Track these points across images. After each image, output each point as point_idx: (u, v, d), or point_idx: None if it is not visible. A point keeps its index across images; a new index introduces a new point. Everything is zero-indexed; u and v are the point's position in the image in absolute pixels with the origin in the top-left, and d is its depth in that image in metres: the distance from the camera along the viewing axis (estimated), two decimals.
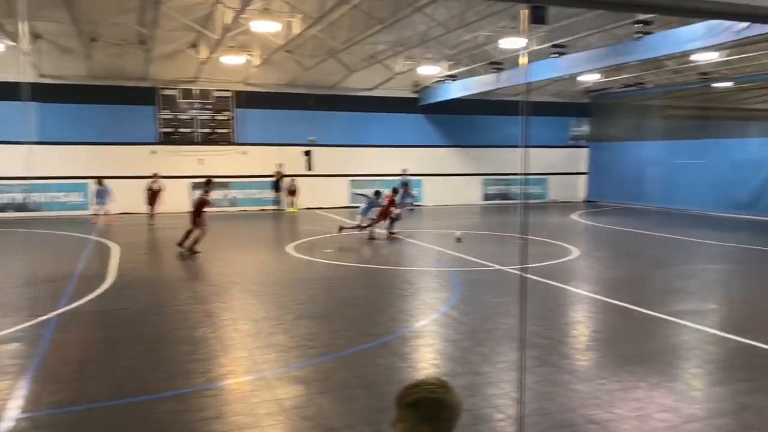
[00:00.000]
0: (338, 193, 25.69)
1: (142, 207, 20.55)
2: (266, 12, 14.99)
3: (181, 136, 23.81)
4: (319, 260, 13.33)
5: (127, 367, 6.54)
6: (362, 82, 24.66)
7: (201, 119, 24.04)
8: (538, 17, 2.56)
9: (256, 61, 20.91)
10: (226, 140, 24.37)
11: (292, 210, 24.31)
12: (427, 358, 6.99)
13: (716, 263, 13.50)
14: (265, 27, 15.56)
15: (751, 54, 20.30)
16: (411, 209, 23.90)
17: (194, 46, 21.45)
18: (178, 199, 22.63)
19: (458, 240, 15.71)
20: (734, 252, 14.94)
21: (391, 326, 8.13)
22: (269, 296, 9.87)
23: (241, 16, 14.75)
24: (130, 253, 14.13)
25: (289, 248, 14.80)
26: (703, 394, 5.82)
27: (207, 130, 24.14)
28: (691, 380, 6.21)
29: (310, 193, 24.88)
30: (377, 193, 17.33)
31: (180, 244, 13.87)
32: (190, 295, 9.97)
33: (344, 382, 6.05)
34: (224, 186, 23.91)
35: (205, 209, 14.32)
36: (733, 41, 14.97)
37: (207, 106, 24.09)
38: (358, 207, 17.91)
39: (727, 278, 12.02)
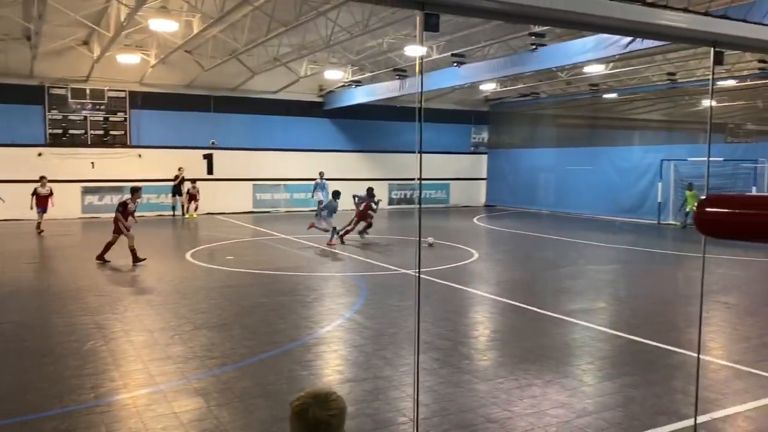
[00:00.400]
0: (240, 198, 25.13)
1: (29, 213, 19.20)
2: (164, 10, 14.47)
3: (71, 138, 22.46)
4: (219, 267, 12.97)
5: (9, 384, 6.07)
6: (266, 85, 24.29)
7: (93, 120, 22.79)
8: (431, 24, 2.63)
9: (153, 60, 20.13)
10: (120, 142, 23.23)
11: (189, 216, 23.39)
12: (330, 365, 6.94)
13: (604, 264, 14.31)
14: (162, 26, 15.03)
15: (635, 67, 21.77)
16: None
17: (86, 43, 20.34)
18: (67, 205, 21.38)
19: (430, 245, 15.78)
20: (620, 253, 15.90)
21: (293, 333, 8.01)
22: (166, 306, 9.47)
23: (137, 13, 14.14)
24: (13, 262, 13.16)
25: (188, 255, 14.30)
26: (593, 389, 6.12)
27: (100, 132, 22.92)
28: (583, 376, 6.52)
29: (211, 198, 24.16)
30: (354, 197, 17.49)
31: (135, 260, 12.98)
32: (80, 306, 9.39)
33: (245, 393, 5.90)
34: (118, 191, 22.82)
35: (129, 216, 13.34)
36: (619, 55, 15.98)
37: (100, 107, 22.87)
38: (268, 212, 17.59)
39: (615, 278, 12.77)
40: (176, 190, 23.72)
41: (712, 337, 8.00)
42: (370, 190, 17.58)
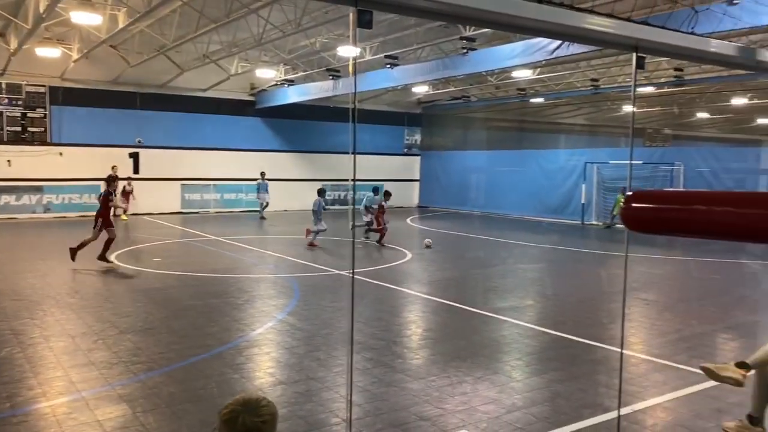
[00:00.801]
0: (168, 198, 24.41)
1: None
2: (86, 2, 13.90)
3: None
4: (146, 270, 12.55)
5: None
6: (195, 82, 23.70)
7: (10, 116, 21.62)
8: (364, 21, 2.63)
9: (75, 54, 19.30)
10: (39, 140, 22.13)
11: (125, 218, 22.42)
12: (262, 368, 6.83)
13: (532, 263, 14.72)
14: (85, 18, 14.43)
15: (560, 73, 22.53)
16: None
17: (2, 35, 19.28)
18: None
19: (428, 246, 15.79)
20: (547, 252, 16.40)
21: (224, 336, 7.84)
22: (89, 310, 9.08)
23: (58, 5, 13.50)
24: None
25: (113, 258, 13.77)
26: (522, 385, 6.27)
27: (17, 128, 21.77)
28: (512, 372, 6.67)
29: (138, 198, 23.34)
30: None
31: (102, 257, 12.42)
32: None
33: (172, 398, 5.72)
34: (37, 191, 21.77)
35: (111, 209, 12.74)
36: (545, 60, 16.50)
37: (17, 102, 21.72)
38: (197, 213, 17.11)
39: (542, 276, 13.15)
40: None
41: (633, 332, 8.36)
42: (387, 193, 17.41)
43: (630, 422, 5.33)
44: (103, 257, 12.63)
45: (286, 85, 23.88)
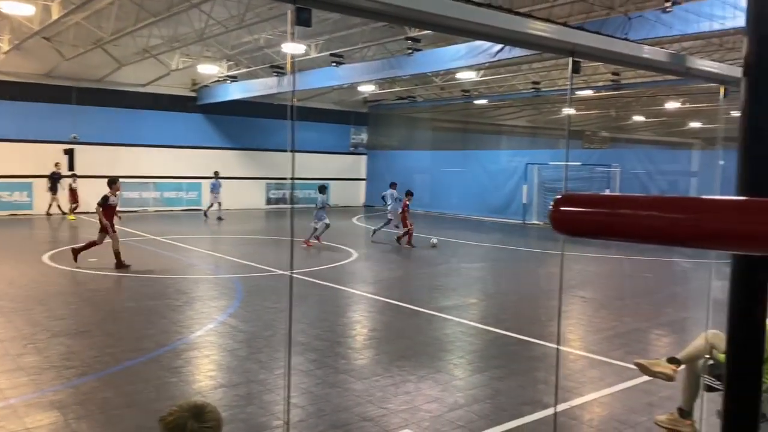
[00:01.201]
0: None
1: None
2: None
3: None
4: (81, 270, 12.11)
5: None
6: (134, 77, 23.02)
7: None
8: (302, 19, 2.59)
9: (6, 46, 18.44)
10: None
11: (71, 217, 21.50)
12: (202, 371, 6.68)
13: (475, 262, 14.94)
14: (16, 8, 13.79)
15: (503, 75, 22.94)
16: None
17: None
18: None
19: (433, 246, 15.78)
20: (489, 251, 16.67)
21: (162, 339, 7.63)
22: (18, 313, 8.69)
23: None
24: None
25: (46, 258, 13.24)
26: (464, 383, 6.34)
27: None
28: (454, 370, 6.74)
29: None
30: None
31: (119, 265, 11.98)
32: None
33: (107, 404, 5.53)
34: None
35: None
36: (489, 62, 16.76)
37: None
38: (136, 211, 16.52)
39: (484, 275, 13.37)
40: (53, 188, 21.76)
41: (571, 329, 8.58)
42: (409, 192, 17.14)
43: (568, 418, 5.47)
44: (76, 255, 12.33)
45: (228, 82, 23.46)
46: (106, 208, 12.33)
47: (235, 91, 23.62)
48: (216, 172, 23.18)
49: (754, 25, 2.15)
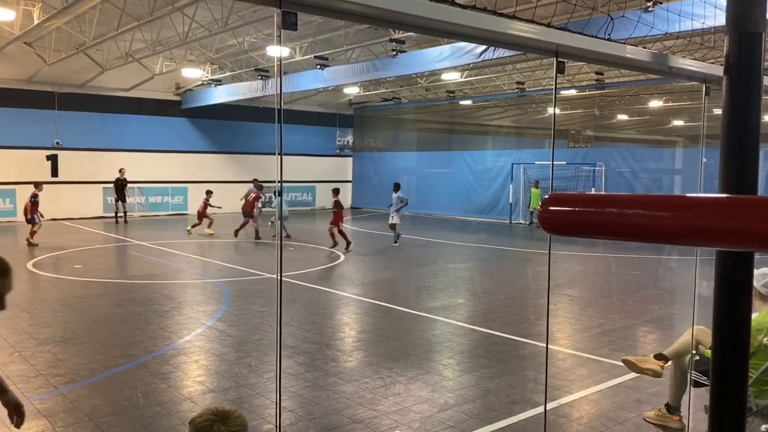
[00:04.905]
0: (89, 202, 23.42)
1: None
2: None
3: None
4: (66, 277, 12.00)
5: None
6: (117, 82, 22.84)
7: None
8: (288, 23, 2.58)
9: None
10: None
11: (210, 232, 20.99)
12: (191, 376, 6.64)
13: (462, 262, 14.98)
14: None
15: (488, 76, 23.04)
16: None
17: None
18: None
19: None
20: (476, 251, 16.72)
21: (150, 345, 7.58)
22: (4, 321, 8.57)
23: None
24: None
25: (30, 265, 13.11)
26: (453, 383, 6.36)
27: None
28: (444, 371, 6.76)
29: (55, 203, 22.24)
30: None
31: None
32: None
33: (96, 411, 5.48)
34: None
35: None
36: (473, 63, 16.82)
37: None
38: (121, 217, 16.40)
39: (472, 275, 13.40)
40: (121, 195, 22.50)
41: (559, 328, 8.63)
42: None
43: (557, 416, 5.50)
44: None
45: (213, 85, 23.36)
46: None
47: (219, 95, 23.53)
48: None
49: (734, 25, 2.18)
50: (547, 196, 1.32)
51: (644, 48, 3.78)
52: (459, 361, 7.20)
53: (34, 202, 16.50)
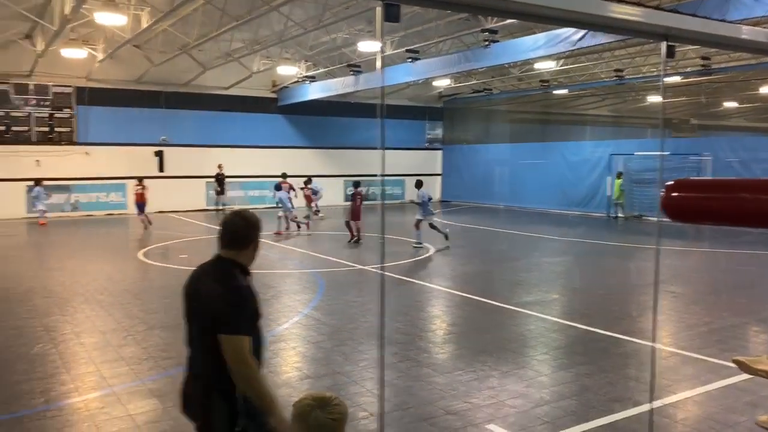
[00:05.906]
0: (193, 196, 24.66)
1: None
2: (110, 3, 14.06)
3: (14, 135, 21.61)
4: (173, 266, 12.70)
5: None
6: (218, 81, 23.88)
7: (38, 117, 21.99)
8: (391, 15, 2.61)
9: (101, 55, 19.56)
10: (67, 140, 22.49)
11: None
12: (289, 362, 6.87)
13: (557, 256, 14.59)
14: (109, 19, 14.58)
15: (584, 64, 22.26)
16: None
17: (29, 37, 19.62)
18: (11, 204, 20.72)
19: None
20: (572, 245, 16.23)
21: None
22: (118, 306, 9.22)
23: (83, 6, 13.70)
24: None
25: (140, 255, 13.97)
26: (549, 379, 6.23)
27: (45, 129, 22.13)
28: (538, 366, 6.63)
29: (163, 196, 23.52)
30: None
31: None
32: (27, 308, 9.07)
33: None
34: (64, 189, 22.17)
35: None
36: (569, 51, 16.30)
37: (44, 103, 22.07)
38: (222, 210, 17.09)
39: (567, 270, 13.02)
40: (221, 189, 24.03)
41: (661, 326, 8.25)
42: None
43: (661, 416, 5.27)
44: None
45: (307, 82, 23.94)
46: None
47: (313, 91, 24.08)
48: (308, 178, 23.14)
49: None
50: (670, 182, 1.27)
51: (762, 28, 3.53)
52: (555, 356, 7.03)
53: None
